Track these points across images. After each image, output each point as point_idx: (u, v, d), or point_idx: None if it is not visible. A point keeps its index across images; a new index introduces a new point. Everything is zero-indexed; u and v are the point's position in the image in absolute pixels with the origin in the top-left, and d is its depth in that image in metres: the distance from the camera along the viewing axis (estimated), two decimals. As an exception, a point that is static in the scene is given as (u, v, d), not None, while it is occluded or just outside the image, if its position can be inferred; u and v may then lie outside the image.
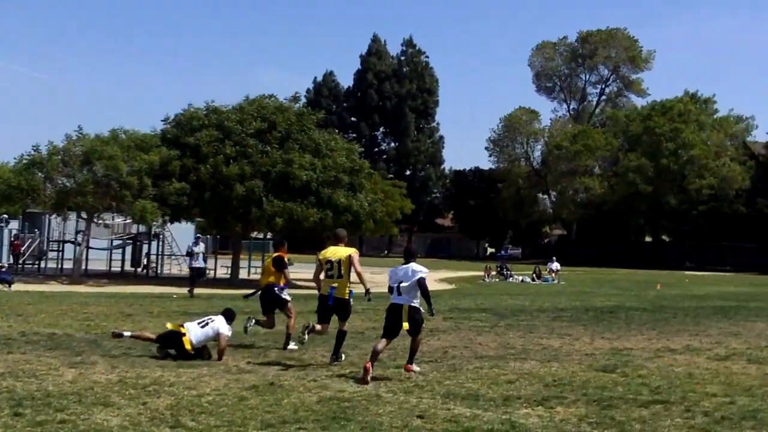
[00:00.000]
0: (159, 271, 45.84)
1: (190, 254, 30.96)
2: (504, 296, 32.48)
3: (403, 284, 12.26)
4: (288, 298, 15.32)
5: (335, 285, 13.39)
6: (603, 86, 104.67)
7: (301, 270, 49.31)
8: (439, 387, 11.53)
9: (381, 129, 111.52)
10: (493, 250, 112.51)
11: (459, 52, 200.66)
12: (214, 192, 36.03)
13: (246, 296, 16.97)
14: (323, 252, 13.91)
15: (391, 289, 12.52)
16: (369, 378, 11.59)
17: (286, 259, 15.58)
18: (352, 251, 13.66)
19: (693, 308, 27.91)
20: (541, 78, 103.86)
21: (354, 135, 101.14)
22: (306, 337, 13.19)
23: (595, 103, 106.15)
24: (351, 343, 15.02)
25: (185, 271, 45.40)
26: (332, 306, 13.40)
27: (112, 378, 11.48)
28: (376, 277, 45.99)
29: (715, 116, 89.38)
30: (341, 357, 13.58)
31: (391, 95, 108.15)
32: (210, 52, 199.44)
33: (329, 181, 36.78)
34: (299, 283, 39.66)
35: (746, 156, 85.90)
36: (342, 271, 13.41)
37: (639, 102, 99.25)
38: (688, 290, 40.35)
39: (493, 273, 50.48)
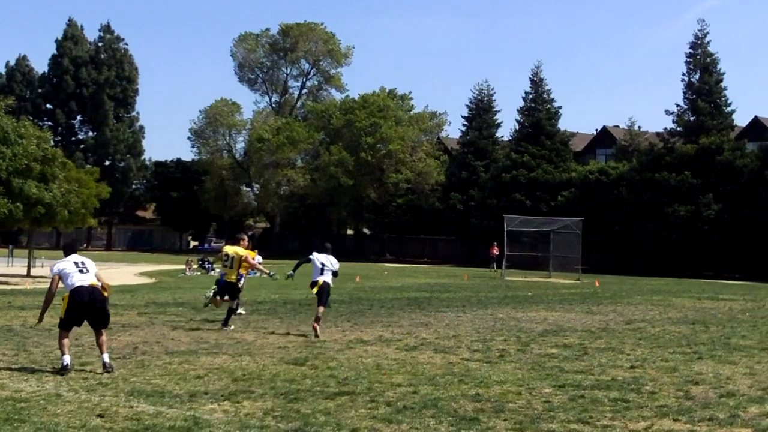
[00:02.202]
0: None
1: None
2: (203, 290, 32.05)
3: (326, 268, 18.08)
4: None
5: (226, 272, 18.63)
6: (304, 80, 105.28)
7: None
8: (124, 384, 11.23)
9: (78, 117, 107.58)
10: (196, 243, 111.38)
11: (160, 41, 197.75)
12: None
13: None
14: (224, 248, 19.87)
15: (295, 267, 18.44)
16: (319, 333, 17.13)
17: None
18: (245, 253, 18.99)
19: (389, 300, 28.76)
20: (243, 69, 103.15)
21: (50, 123, 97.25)
22: (208, 301, 19.39)
23: (296, 96, 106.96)
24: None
25: None
26: (224, 287, 18.50)
27: None
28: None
29: (411, 112, 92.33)
30: (230, 326, 18.10)
31: (88, 82, 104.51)
32: None
33: (20, 170, 34.89)
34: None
35: (441, 151, 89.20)
36: (233, 265, 18.60)
37: (339, 97, 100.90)
38: (386, 282, 41.37)
39: (195, 266, 49.88)
